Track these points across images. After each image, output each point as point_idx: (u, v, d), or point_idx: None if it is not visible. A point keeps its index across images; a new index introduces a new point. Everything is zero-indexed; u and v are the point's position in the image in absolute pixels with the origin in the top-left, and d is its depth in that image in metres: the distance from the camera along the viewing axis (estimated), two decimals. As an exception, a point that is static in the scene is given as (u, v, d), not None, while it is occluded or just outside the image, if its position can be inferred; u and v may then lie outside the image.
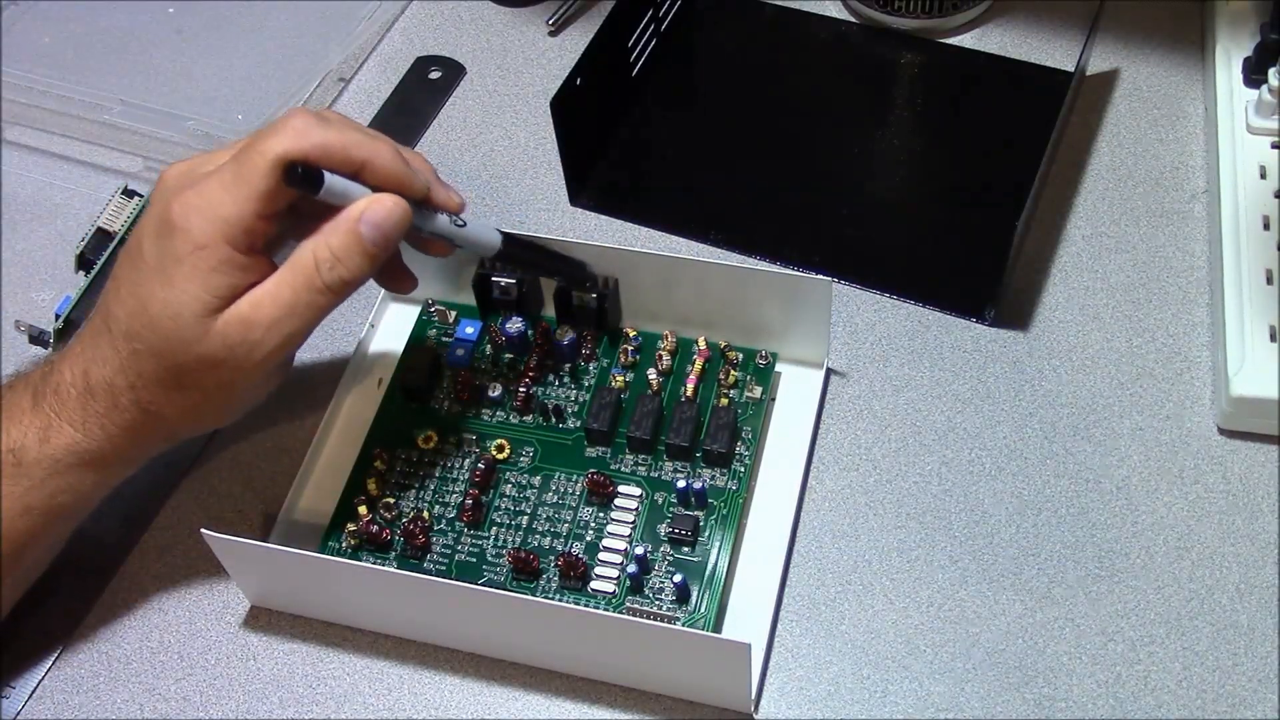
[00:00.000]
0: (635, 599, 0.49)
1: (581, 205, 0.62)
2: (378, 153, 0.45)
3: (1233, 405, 0.51)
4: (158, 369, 0.45)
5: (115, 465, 0.47)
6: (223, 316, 0.44)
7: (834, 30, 0.68)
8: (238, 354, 0.44)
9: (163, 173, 0.46)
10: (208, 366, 0.45)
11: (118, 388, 0.45)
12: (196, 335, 0.44)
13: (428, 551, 0.51)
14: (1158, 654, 0.47)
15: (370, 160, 0.45)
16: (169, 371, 0.45)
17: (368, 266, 0.45)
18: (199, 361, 0.44)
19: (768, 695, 0.47)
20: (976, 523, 0.51)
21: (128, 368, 0.45)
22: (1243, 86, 0.59)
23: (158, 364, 0.45)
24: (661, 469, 0.52)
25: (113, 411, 0.46)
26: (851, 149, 0.64)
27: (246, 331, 0.44)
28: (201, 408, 0.47)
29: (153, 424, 0.46)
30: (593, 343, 0.55)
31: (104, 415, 0.46)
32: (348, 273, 0.44)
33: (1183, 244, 0.58)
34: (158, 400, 0.46)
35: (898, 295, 0.57)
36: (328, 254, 0.44)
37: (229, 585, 0.51)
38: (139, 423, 0.46)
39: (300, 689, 0.49)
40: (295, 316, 0.45)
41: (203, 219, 0.43)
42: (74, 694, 0.49)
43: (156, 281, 0.44)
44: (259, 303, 0.44)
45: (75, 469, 0.46)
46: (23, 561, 0.47)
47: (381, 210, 0.44)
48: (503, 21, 0.71)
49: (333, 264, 0.44)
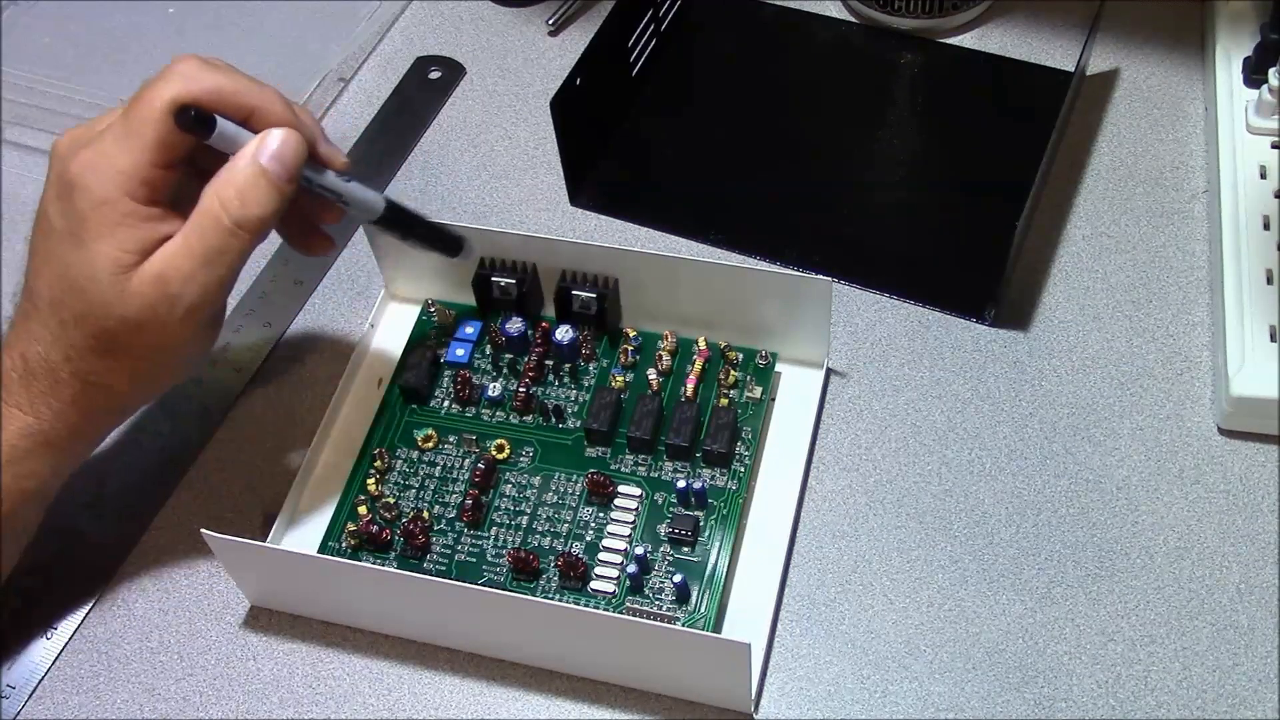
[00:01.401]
0: (635, 599, 0.49)
1: (581, 205, 0.62)
2: (267, 99, 0.45)
3: (1233, 405, 0.51)
4: (86, 337, 0.44)
5: (73, 443, 0.47)
6: (136, 275, 0.43)
7: (834, 30, 0.68)
8: (159, 313, 0.44)
9: (55, 141, 0.45)
10: (132, 329, 0.44)
11: (54, 363, 0.45)
12: (115, 296, 0.43)
13: (428, 551, 0.51)
14: (1158, 654, 0.47)
15: (260, 107, 0.44)
16: (98, 339, 0.44)
17: (274, 200, 0.44)
18: (123, 325, 0.44)
19: (768, 695, 0.47)
20: (976, 523, 0.51)
21: (60, 340, 0.45)
22: (1243, 86, 0.59)
23: (85, 331, 0.44)
24: (661, 469, 0.52)
25: (56, 388, 0.45)
26: (851, 149, 0.64)
27: (163, 287, 0.44)
28: (140, 372, 0.46)
29: (98, 395, 0.46)
30: (593, 343, 0.55)
31: (49, 394, 0.45)
32: (256, 208, 0.44)
33: (1183, 244, 0.58)
34: (96, 369, 0.45)
35: (898, 295, 0.57)
36: (231, 192, 0.43)
37: (229, 585, 0.51)
38: (84, 396, 0.46)
39: (300, 689, 0.49)
40: (211, 265, 0.44)
41: (99, 175, 0.43)
42: (74, 694, 0.49)
43: (68, 244, 0.44)
44: (170, 257, 0.44)
45: (33, 453, 0.46)
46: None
47: (276, 140, 0.44)
48: (503, 21, 0.71)
49: (239, 203, 0.43)
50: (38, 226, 0.45)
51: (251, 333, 0.58)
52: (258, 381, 0.57)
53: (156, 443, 0.55)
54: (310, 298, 0.60)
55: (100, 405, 0.47)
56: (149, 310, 0.44)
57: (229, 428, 0.56)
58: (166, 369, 0.47)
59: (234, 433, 0.56)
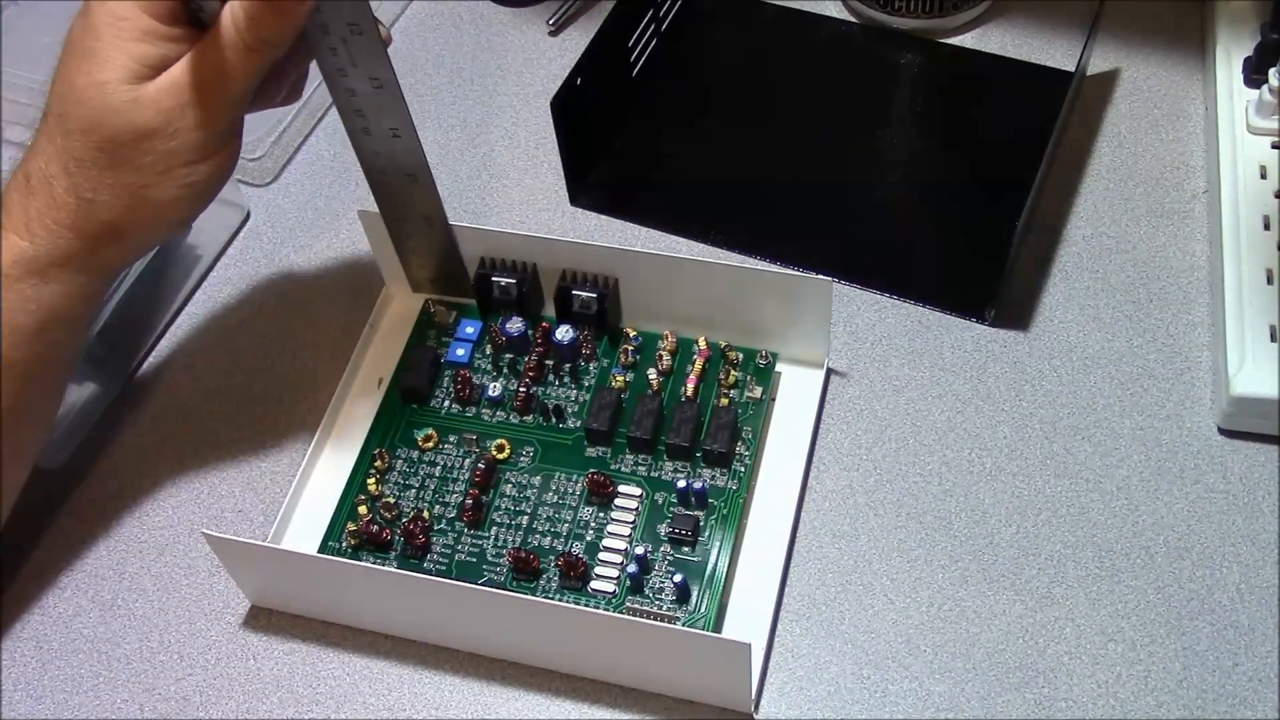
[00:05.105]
0: (635, 599, 0.49)
1: (581, 205, 0.62)
2: None
3: (1233, 405, 0.51)
4: (88, 148, 0.45)
5: (68, 271, 0.47)
6: (154, 83, 0.44)
7: (834, 30, 0.68)
8: (172, 120, 0.44)
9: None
10: (142, 137, 0.44)
11: (53, 175, 0.45)
12: (126, 102, 0.44)
13: (428, 551, 0.51)
14: (1158, 654, 0.47)
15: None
16: (100, 149, 0.45)
17: (282, 24, 0.44)
18: (132, 132, 0.44)
19: (768, 695, 0.48)
20: (976, 523, 0.51)
21: (62, 152, 0.45)
22: (1243, 86, 0.59)
23: (87, 141, 0.44)
24: (661, 469, 0.52)
25: (52, 208, 0.45)
26: (851, 149, 0.64)
27: (178, 95, 0.44)
28: (142, 194, 0.46)
29: (94, 217, 0.46)
30: (593, 343, 0.55)
31: (44, 213, 0.46)
32: (264, 31, 0.44)
33: (1183, 244, 0.58)
34: (93, 183, 0.45)
35: (898, 295, 0.57)
36: (242, 14, 0.44)
37: (229, 585, 0.51)
38: (79, 216, 0.46)
39: (300, 689, 0.49)
40: (226, 80, 0.44)
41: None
42: (74, 694, 0.49)
43: (81, 58, 0.44)
44: (189, 67, 0.44)
45: (26, 280, 0.46)
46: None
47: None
48: (503, 21, 0.71)
49: (248, 23, 0.44)
50: (61, 53, 0.45)
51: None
52: (257, 381, 0.57)
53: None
54: (311, 297, 0.60)
55: (94, 229, 0.46)
56: (162, 117, 0.44)
57: (229, 428, 0.56)
58: (166, 193, 0.46)
59: (234, 433, 0.56)
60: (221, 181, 0.47)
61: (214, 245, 0.62)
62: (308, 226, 0.63)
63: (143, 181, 0.45)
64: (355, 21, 0.45)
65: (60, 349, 0.49)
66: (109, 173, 0.45)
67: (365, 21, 0.45)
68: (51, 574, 0.52)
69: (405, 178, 0.51)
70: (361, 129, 0.50)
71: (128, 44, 0.44)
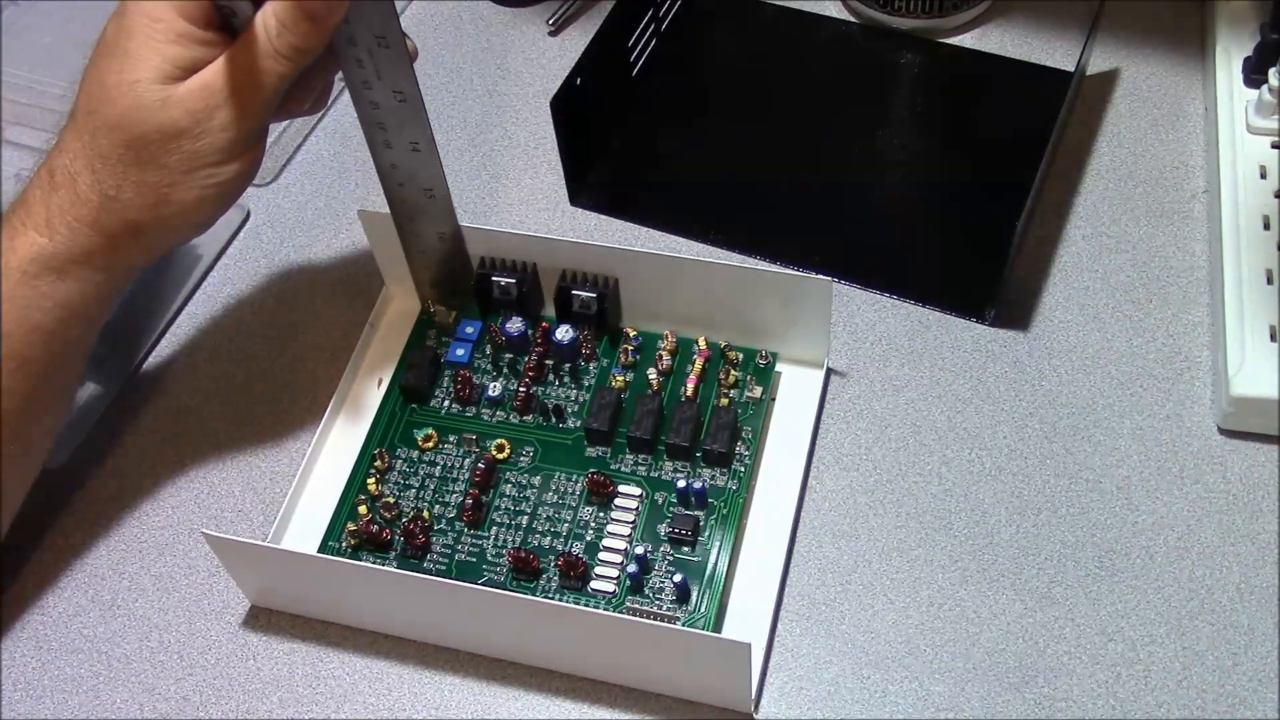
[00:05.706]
0: (635, 599, 0.49)
1: (581, 205, 0.62)
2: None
3: (1233, 405, 0.51)
4: (115, 145, 0.45)
5: (86, 269, 0.47)
6: (184, 85, 0.44)
7: (834, 30, 0.68)
8: (201, 121, 0.45)
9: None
10: (170, 137, 0.45)
11: (77, 171, 0.45)
12: (156, 102, 0.44)
13: (428, 551, 0.51)
14: (1158, 654, 0.47)
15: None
16: (128, 146, 0.45)
17: (314, 32, 0.44)
18: (160, 131, 0.45)
19: (768, 695, 0.48)
20: (976, 523, 0.51)
21: (88, 149, 0.45)
22: (1243, 86, 0.59)
23: (115, 138, 0.45)
24: (661, 469, 0.52)
25: (74, 204, 0.46)
26: (851, 149, 0.64)
27: (209, 97, 0.44)
28: (165, 194, 0.46)
29: (116, 214, 0.46)
30: (593, 342, 0.55)
31: (66, 209, 0.46)
32: (296, 39, 0.44)
33: (1183, 244, 0.58)
34: (118, 181, 0.45)
35: (898, 295, 0.57)
36: (274, 21, 0.44)
37: (229, 585, 0.51)
38: (101, 214, 0.46)
39: (300, 689, 0.49)
40: (255, 85, 0.45)
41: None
42: (74, 694, 0.49)
43: (113, 57, 0.45)
44: (220, 71, 0.45)
45: (44, 277, 0.46)
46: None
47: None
48: (503, 21, 0.71)
49: (280, 30, 0.44)
50: (93, 51, 0.46)
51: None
52: (257, 381, 0.57)
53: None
54: (311, 297, 0.60)
55: (115, 228, 0.46)
56: (191, 118, 0.44)
57: (229, 428, 0.56)
58: (189, 193, 0.46)
59: (234, 433, 0.56)
60: (244, 185, 0.48)
61: (214, 245, 0.62)
62: (308, 226, 0.63)
63: (167, 181, 0.46)
64: (383, 34, 0.46)
65: (76, 347, 0.49)
66: (134, 170, 0.45)
67: (393, 35, 0.45)
68: (51, 574, 0.52)
69: (422, 192, 0.51)
70: (383, 141, 0.50)
71: (161, 45, 0.44)
